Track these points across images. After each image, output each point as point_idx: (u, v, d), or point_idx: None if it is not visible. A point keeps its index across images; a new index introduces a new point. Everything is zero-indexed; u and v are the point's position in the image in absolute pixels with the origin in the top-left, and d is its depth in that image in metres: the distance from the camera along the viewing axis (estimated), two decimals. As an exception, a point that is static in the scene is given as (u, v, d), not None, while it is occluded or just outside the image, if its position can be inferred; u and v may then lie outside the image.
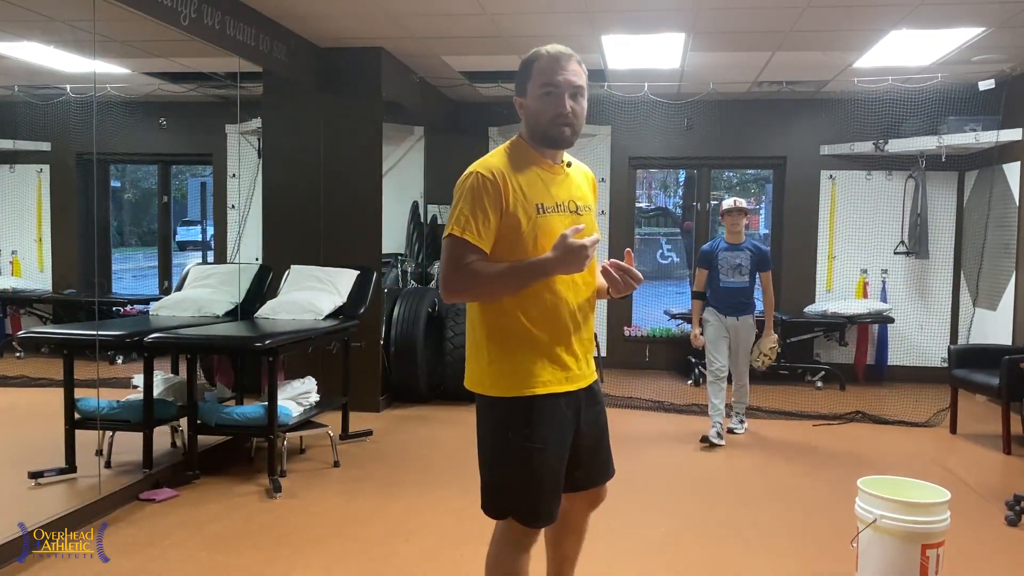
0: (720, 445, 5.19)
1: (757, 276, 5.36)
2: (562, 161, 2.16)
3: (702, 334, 5.35)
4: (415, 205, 7.80)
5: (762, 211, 16.32)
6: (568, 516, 2.30)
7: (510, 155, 2.09)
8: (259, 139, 6.23)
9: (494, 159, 2.07)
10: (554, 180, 2.11)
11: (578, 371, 2.13)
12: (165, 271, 7.02)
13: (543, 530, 2.21)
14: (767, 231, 10.50)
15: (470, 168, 2.06)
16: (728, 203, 5.32)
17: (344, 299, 5.19)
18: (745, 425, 5.66)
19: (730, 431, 5.48)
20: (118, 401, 4.28)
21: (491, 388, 2.09)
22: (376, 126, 6.02)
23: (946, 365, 6.15)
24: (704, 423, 6.08)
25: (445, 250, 2.03)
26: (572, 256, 1.94)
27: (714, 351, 5.32)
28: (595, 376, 2.23)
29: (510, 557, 2.15)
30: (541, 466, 2.06)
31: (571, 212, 2.10)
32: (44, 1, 4.38)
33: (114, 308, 6.17)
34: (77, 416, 4.15)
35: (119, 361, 5.71)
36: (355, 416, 5.37)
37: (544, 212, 2.05)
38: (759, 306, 5.50)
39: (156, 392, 4.30)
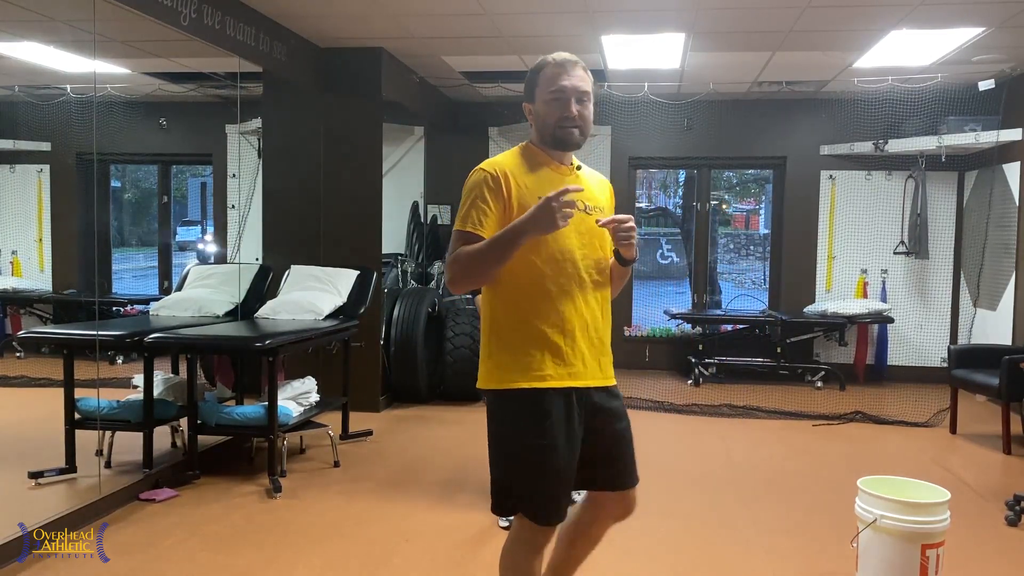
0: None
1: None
2: (571, 163, 2.22)
3: None
4: (415, 205, 7.80)
5: (762, 211, 16.33)
6: (592, 523, 2.30)
7: (517, 154, 2.19)
8: (259, 139, 6.23)
9: (500, 157, 2.17)
10: (561, 180, 2.15)
11: (584, 368, 2.13)
12: (165, 271, 7.03)
13: (558, 528, 2.20)
14: (767, 231, 10.50)
15: (476, 167, 2.15)
16: None
17: (344, 299, 5.19)
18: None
19: None
20: (118, 401, 4.28)
21: (493, 381, 2.12)
22: (376, 126, 6.02)
23: (946, 365, 6.15)
24: (703, 423, 6.09)
25: (450, 244, 2.11)
26: (544, 212, 1.93)
27: None
28: (612, 380, 2.23)
29: (523, 556, 2.16)
30: (547, 462, 2.07)
31: (578, 210, 2.10)
32: (44, 1, 4.37)
33: (114, 308, 6.17)
34: (77, 416, 4.15)
35: (119, 361, 5.70)
36: (355, 416, 5.37)
37: None
38: None
39: (156, 392, 4.30)
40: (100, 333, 4.20)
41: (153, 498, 3.98)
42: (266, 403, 4.25)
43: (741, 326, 7.71)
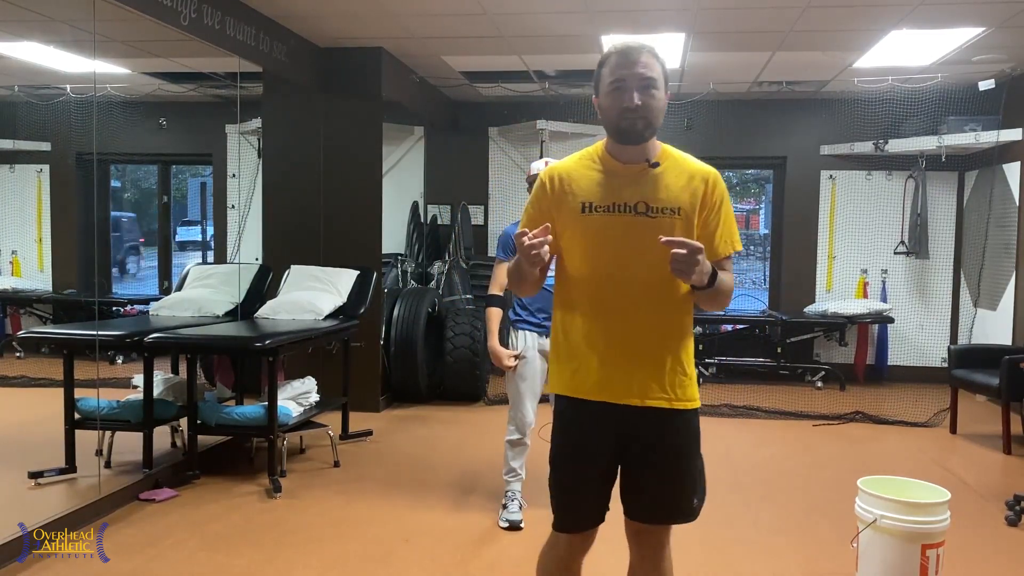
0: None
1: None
2: (646, 160, 2.02)
3: (517, 358, 3.61)
4: (415, 205, 7.79)
5: (762, 211, 16.34)
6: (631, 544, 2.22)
7: (582, 155, 2.12)
8: (259, 139, 6.23)
9: (567, 159, 2.15)
10: (623, 180, 2.02)
11: (628, 387, 2.00)
12: (165, 271, 7.02)
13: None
14: (767, 231, 10.49)
15: None
16: (538, 164, 3.63)
17: (344, 299, 5.19)
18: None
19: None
20: (118, 401, 4.28)
21: (550, 383, 2.18)
22: (376, 126, 6.02)
23: (946, 365, 6.15)
24: (704, 423, 6.08)
25: None
26: (521, 251, 1.90)
27: (528, 398, 3.66)
28: (672, 403, 2.04)
29: (549, 559, 2.19)
30: (560, 469, 2.10)
31: (637, 213, 1.98)
32: (44, 1, 4.37)
33: (114, 308, 6.17)
34: (77, 416, 4.15)
35: (119, 361, 5.70)
36: (355, 416, 5.37)
37: (591, 211, 2.00)
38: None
39: (156, 392, 4.30)
40: (100, 333, 4.20)
41: (153, 498, 3.98)
42: (266, 403, 4.25)
43: (741, 326, 7.71)
